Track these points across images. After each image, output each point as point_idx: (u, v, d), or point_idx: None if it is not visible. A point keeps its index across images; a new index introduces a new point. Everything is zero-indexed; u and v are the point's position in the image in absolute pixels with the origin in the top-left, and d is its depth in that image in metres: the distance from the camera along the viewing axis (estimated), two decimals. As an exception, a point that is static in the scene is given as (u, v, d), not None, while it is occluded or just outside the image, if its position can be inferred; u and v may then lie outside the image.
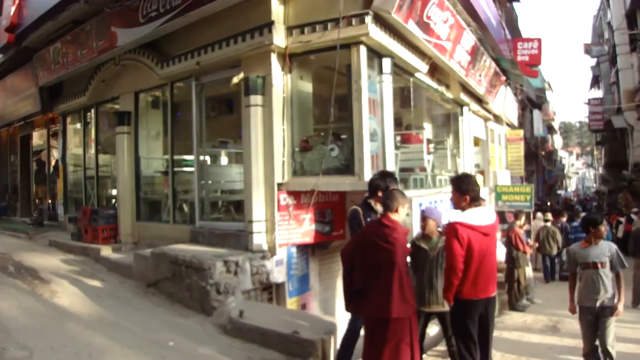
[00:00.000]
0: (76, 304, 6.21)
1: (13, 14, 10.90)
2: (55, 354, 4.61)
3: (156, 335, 5.31)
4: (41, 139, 13.97)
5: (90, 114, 10.89)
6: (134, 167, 9.10)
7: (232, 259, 6.09)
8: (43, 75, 11.10)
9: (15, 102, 13.00)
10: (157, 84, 8.56)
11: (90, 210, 9.34)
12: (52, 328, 5.33)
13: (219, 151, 8.86)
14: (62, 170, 11.74)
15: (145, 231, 8.85)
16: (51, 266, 8.03)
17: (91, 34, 9.06)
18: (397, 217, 4.12)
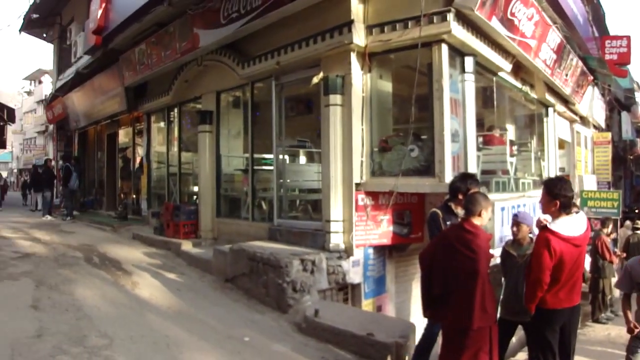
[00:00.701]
0: (156, 295, 6.61)
1: (100, 17, 11.72)
2: (134, 343, 4.91)
3: (232, 330, 5.53)
4: (126, 137, 14.95)
5: (173, 113, 11.57)
6: (215, 164, 9.57)
7: (309, 257, 6.26)
8: (128, 76, 11.88)
9: (103, 101, 13.97)
10: (238, 84, 8.95)
11: (173, 205, 9.93)
12: (132, 318, 5.70)
13: (297, 150, 9.12)
14: (147, 166, 12.55)
15: (224, 227, 9.28)
16: (134, 258, 8.63)
17: (174, 36, 9.60)
18: (480, 221, 4.01)
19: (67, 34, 16.92)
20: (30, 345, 4.60)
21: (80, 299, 6.16)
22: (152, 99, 11.72)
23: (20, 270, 7.34)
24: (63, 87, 16.95)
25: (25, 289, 6.44)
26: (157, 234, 10.04)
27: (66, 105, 16.95)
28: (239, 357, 4.83)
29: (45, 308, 5.72)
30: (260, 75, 8.17)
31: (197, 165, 10.25)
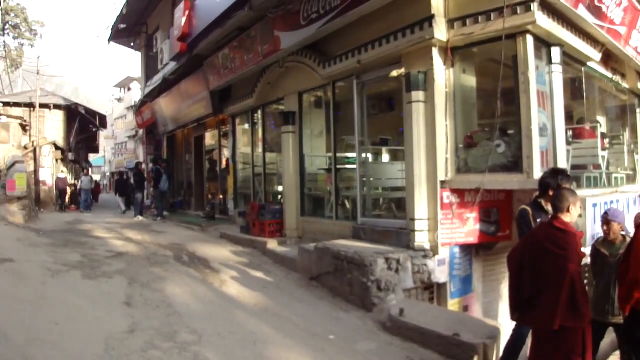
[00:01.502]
0: (243, 293, 6.97)
1: (184, 24, 12.51)
2: (222, 339, 5.20)
3: (317, 327, 5.72)
4: (213, 139, 15.72)
5: (257, 115, 12.13)
6: (299, 164, 9.94)
7: (394, 256, 6.38)
8: (213, 80, 12.51)
9: (189, 105, 14.80)
10: (320, 84, 9.25)
11: (258, 205, 10.39)
12: (220, 315, 6.03)
13: (380, 148, 9.25)
14: (233, 168, 13.20)
15: (309, 226, 9.61)
16: (221, 257, 9.11)
17: (256, 39, 10.04)
18: (569, 218, 3.94)
19: (153, 42, 18.06)
20: (123, 340, 4.96)
21: (171, 296, 6.62)
22: (236, 102, 12.31)
23: (114, 268, 7.98)
24: (151, 93, 18.18)
25: (119, 286, 7.01)
26: (244, 233, 10.55)
27: (155, 110, 18.10)
28: (323, 354, 5.00)
29: (137, 305, 6.19)
30: (341, 75, 8.40)
31: (281, 165, 10.69)
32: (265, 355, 4.91)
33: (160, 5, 17.29)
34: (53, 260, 8.30)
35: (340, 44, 8.22)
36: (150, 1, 17.40)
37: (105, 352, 4.64)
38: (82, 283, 7.08)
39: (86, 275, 7.44)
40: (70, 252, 9.03)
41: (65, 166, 27.74)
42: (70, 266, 7.92)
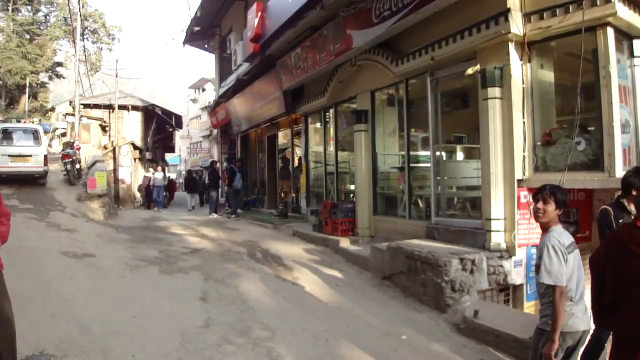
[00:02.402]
0: (316, 290, 7.20)
1: (256, 25, 12.93)
2: (295, 336, 5.43)
3: (389, 327, 5.83)
4: (285, 138, 16.13)
5: (329, 114, 12.36)
6: (371, 163, 10.08)
7: (468, 257, 6.40)
8: (286, 80, 12.87)
9: (262, 105, 15.27)
10: (392, 82, 9.36)
11: (331, 204, 10.62)
12: (293, 312, 6.29)
13: (454, 146, 9.23)
14: (305, 166, 13.53)
15: (381, 225, 9.72)
16: (294, 254, 9.41)
17: (328, 38, 10.26)
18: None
19: (226, 43, 18.69)
20: (198, 334, 5.31)
21: (245, 292, 6.98)
22: (308, 101, 12.64)
23: (190, 264, 8.46)
24: (225, 94, 18.89)
25: (195, 282, 7.45)
26: (316, 231, 10.83)
27: (228, 110, 18.78)
28: (395, 354, 5.10)
29: (212, 300, 6.58)
30: (414, 72, 8.47)
31: (353, 163, 10.85)
32: (337, 353, 5.07)
33: (233, 7, 17.92)
34: (131, 255, 8.89)
35: (412, 40, 8.29)
36: (223, 3, 18.06)
37: (181, 345, 4.98)
38: (159, 278, 7.58)
39: (163, 271, 7.94)
40: (148, 248, 9.63)
41: (143, 165, 29.17)
42: (147, 261, 8.46)
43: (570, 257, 3.74)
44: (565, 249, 3.71)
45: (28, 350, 4.59)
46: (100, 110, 28.25)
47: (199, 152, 51.51)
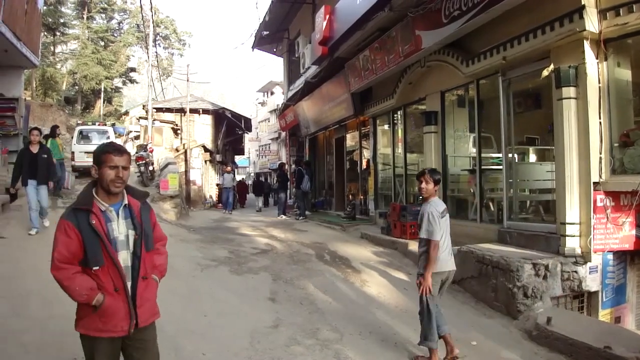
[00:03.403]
0: (384, 294, 7.32)
1: (325, 28, 13.20)
2: (362, 339, 5.55)
3: (459, 332, 5.79)
4: (353, 140, 16.35)
5: (397, 115, 12.48)
6: (441, 165, 10.10)
7: (542, 262, 6.35)
8: (354, 82, 13.08)
9: (331, 108, 15.57)
10: (462, 83, 9.41)
11: (399, 206, 10.71)
12: (361, 314, 6.41)
13: (526, 148, 9.13)
14: (373, 168, 13.68)
15: (451, 228, 9.58)
16: (362, 257, 9.55)
17: (397, 39, 10.39)
18: None
19: (294, 47, 19.16)
20: (267, 334, 5.52)
21: (313, 293, 7.18)
22: (377, 103, 12.81)
23: (259, 265, 8.78)
24: (293, 97, 19.37)
25: (264, 282, 7.73)
26: (384, 233, 10.94)
27: (297, 113, 19.23)
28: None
29: (281, 301, 6.81)
30: (485, 72, 8.48)
31: (422, 165, 10.82)
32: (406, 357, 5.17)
33: (301, 11, 18.38)
34: (202, 255, 9.32)
35: (483, 40, 8.30)
36: (291, 7, 18.57)
37: (251, 345, 5.20)
38: (229, 278, 7.92)
39: (233, 271, 8.28)
40: (218, 248, 10.06)
41: (213, 167, 30.17)
42: (218, 261, 8.84)
43: (442, 220, 5.20)
44: (439, 214, 5.17)
45: None
46: (172, 114, 29.60)
47: (267, 155, 52.59)
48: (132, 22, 54.76)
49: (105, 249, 2.79)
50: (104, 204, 2.88)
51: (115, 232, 2.88)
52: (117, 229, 2.89)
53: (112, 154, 2.82)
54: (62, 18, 50.76)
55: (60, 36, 52.10)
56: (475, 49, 8.53)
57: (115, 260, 2.82)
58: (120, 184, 2.86)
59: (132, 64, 56.81)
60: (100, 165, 2.83)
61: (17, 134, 14.83)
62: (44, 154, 9.51)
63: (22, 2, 13.93)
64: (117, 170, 2.82)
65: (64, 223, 2.77)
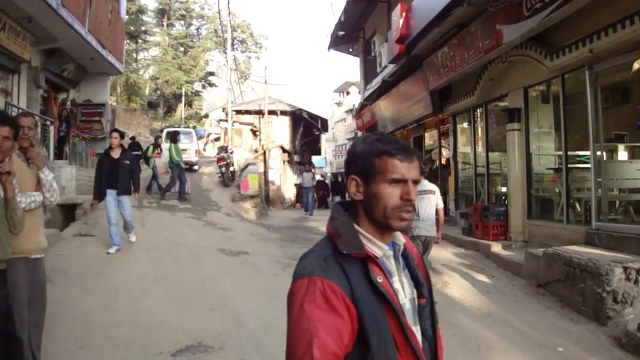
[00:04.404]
0: (466, 296, 7.31)
1: (401, 26, 13.23)
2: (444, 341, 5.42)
3: (544, 337, 5.74)
4: (431, 139, 16.30)
5: (477, 113, 12.32)
6: (525, 164, 9.93)
7: (633, 265, 6.12)
8: (433, 80, 13.02)
9: (408, 106, 15.57)
10: (546, 77, 9.23)
11: (481, 206, 10.61)
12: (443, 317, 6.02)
13: (615, 145, 8.80)
14: (453, 167, 13.59)
15: (535, 230, 9.55)
16: (443, 258, 9.54)
17: (476, 35, 10.28)
18: None
19: (370, 46, 19.26)
20: None
21: (390, 292, 7.28)
22: (456, 101, 12.74)
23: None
24: (370, 96, 19.49)
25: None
26: (465, 234, 10.88)
27: (374, 112, 19.31)
28: (551, 367, 5.09)
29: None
30: (570, 66, 8.29)
31: (505, 164, 10.76)
32: (489, 363, 5.16)
33: (376, 9, 18.46)
34: (282, 254, 9.65)
35: (567, 33, 8.14)
36: (366, 7, 18.70)
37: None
38: (310, 277, 8.15)
39: (313, 270, 8.51)
40: (298, 247, 10.35)
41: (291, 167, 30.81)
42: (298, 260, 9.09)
43: (420, 196, 6.88)
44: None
45: (188, 341, 5.24)
46: (250, 116, 30.55)
47: (343, 155, 52.87)
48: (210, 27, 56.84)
49: (400, 329, 1.47)
50: (381, 245, 1.57)
51: (401, 295, 1.56)
52: (402, 290, 1.59)
53: (399, 158, 1.51)
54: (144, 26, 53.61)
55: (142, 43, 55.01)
56: (559, 42, 8.34)
57: (418, 351, 1.51)
58: (409, 213, 1.54)
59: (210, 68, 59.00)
60: (374, 177, 1.52)
61: (104, 138, 15.93)
62: (126, 160, 8.75)
63: (106, 12, 14.96)
64: (406, 187, 1.51)
65: (318, 285, 1.42)
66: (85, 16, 12.78)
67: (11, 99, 11.71)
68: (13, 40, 10.93)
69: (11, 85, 12.02)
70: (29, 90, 12.52)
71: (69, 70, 14.84)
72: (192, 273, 7.84)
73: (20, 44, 11.29)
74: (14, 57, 11.45)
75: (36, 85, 12.90)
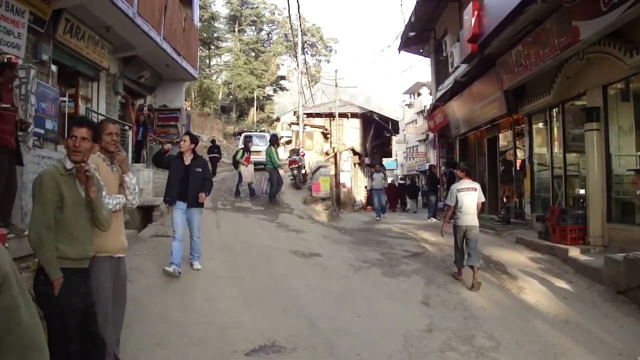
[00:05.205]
0: (542, 302, 7.19)
1: (473, 25, 13.09)
2: (520, 348, 5.52)
3: (624, 346, 5.60)
4: (506, 140, 16.01)
5: (554, 113, 12.02)
6: (605, 165, 9.63)
7: None
8: (507, 79, 12.82)
9: (482, 107, 15.38)
10: (626, 75, 8.93)
11: (559, 209, 10.36)
12: (518, 323, 6.38)
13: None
14: (529, 169, 13.31)
15: (616, 234, 9.27)
16: (518, 263, 9.42)
17: (551, 32, 10.07)
18: None
19: (442, 46, 19.09)
20: (421, 338, 5.72)
21: (467, 298, 7.31)
22: (531, 100, 12.50)
23: (411, 268, 9.04)
24: (442, 97, 19.37)
25: (416, 285, 7.99)
26: (542, 238, 10.63)
27: (446, 113, 19.20)
28: (632, 378, 5.00)
29: (434, 305, 7.01)
30: (652, 62, 7.97)
31: (583, 166, 10.48)
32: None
33: (447, 9, 18.29)
34: (354, 256, 9.80)
35: (648, 27, 7.83)
36: (436, 7, 18.56)
37: (404, 348, 5.45)
38: (381, 280, 8.30)
39: (385, 273, 8.64)
40: (370, 250, 10.49)
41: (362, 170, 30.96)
42: (370, 263, 9.26)
43: (460, 193, 8.35)
44: (457, 190, 8.41)
45: (261, 341, 5.45)
46: (321, 119, 30.98)
47: (415, 157, 52.57)
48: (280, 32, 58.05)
49: None
50: None
51: None
52: None
53: None
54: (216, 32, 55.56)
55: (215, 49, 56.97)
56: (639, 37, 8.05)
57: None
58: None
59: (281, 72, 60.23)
60: None
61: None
62: (198, 167, 7.81)
63: (180, 20, 15.66)
64: None
65: None
66: (161, 24, 13.45)
67: (91, 105, 12.49)
68: (92, 49, 11.69)
69: (91, 92, 12.83)
70: (107, 97, 13.31)
71: (145, 77, 15.63)
72: (266, 274, 8.09)
73: (99, 53, 12.05)
74: (93, 65, 12.22)
75: (115, 91, 13.68)
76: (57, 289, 3.39)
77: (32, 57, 9.12)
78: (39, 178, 3.54)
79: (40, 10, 8.83)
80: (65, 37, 10.34)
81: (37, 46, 9.26)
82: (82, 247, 3.61)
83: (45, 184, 3.46)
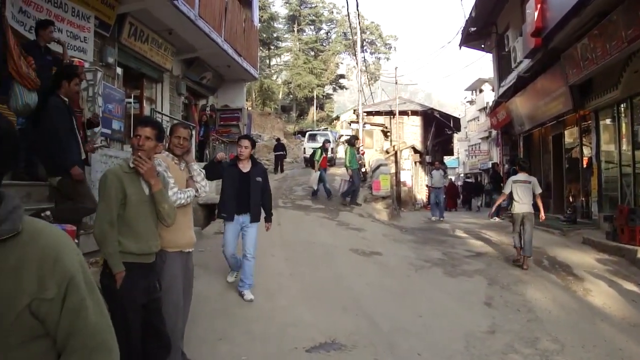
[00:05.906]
0: (609, 305, 6.97)
1: (536, 18, 12.82)
2: (585, 352, 5.39)
3: None
4: (571, 137, 15.61)
5: (621, 108, 11.65)
6: (675, 162, 9.18)
7: None
8: (572, 74, 12.52)
9: (546, 102, 15.04)
10: None
11: (627, 209, 10.01)
12: (584, 326, 6.21)
13: None
14: (596, 167, 12.93)
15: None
16: (584, 264, 9.18)
17: (618, 24, 9.79)
18: None
19: (504, 41, 18.76)
20: (483, 339, 5.67)
21: (531, 300, 7.18)
22: (598, 95, 12.15)
23: (473, 268, 8.98)
24: (505, 93, 19.03)
25: (478, 286, 7.93)
26: (610, 239, 10.33)
27: (510, 110, 18.82)
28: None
29: (497, 306, 6.93)
30: None
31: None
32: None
33: (509, 3, 17.92)
34: (415, 255, 9.81)
35: None
36: (497, 1, 18.21)
37: (466, 349, 5.42)
38: (443, 280, 8.29)
39: (447, 273, 8.63)
40: (431, 250, 10.48)
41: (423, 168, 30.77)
42: (431, 262, 9.26)
43: (515, 185, 9.28)
44: (513, 181, 9.34)
45: (322, 338, 5.51)
46: (381, 117, 31.01)
47: (477, 155, 51.62)
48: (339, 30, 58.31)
49: None
50: None
51: None
52: None
53: None
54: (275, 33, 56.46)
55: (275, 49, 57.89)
56: None
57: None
58: None
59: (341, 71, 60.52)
60: None
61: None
62: (257, 177, 6.78)
63: (240, 21, 16.10)
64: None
65: None
66: (221, 26, 13.89)
67: (155, 106, 13.03)
68: (156, 52, 12.23)
69: (155, 94, 13.41)
70: (171, 98, 13.87)
71: (207, 78, 16.17)
72: (326, 272, 8.19)
73: (163, 55, 12.57)
74: (157, 67, 12.78)
75: (178, 93, 14.23)
76: (119, 282, 3.54)
77: (99, 60, 9.65)
78: (104, 176, 3.70)
79: (105, 15, 9.34)
80: (129, 40, 10.88)
81: (103, 49, 9.82)
82: (145, 243, 3.72)
83: (109, 182, 3.61)
